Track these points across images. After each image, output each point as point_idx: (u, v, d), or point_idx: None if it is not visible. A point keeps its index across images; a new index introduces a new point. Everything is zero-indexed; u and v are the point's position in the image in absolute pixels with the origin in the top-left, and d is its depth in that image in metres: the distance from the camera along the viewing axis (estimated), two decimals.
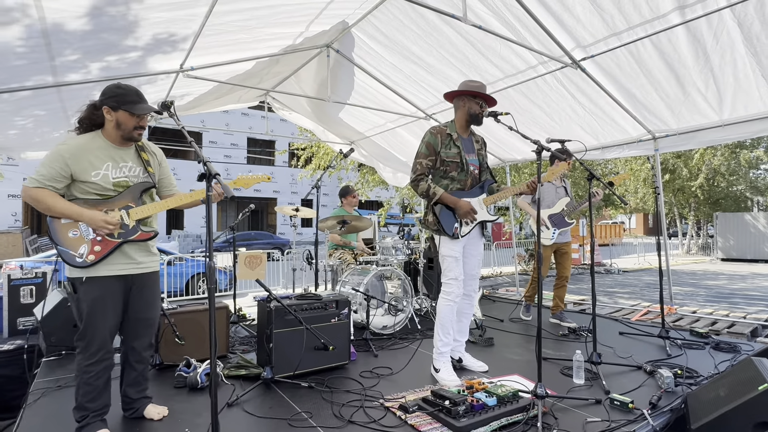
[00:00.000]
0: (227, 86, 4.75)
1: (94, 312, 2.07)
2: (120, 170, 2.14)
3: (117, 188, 2.13)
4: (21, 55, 2.88)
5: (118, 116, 2.09)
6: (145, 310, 2.27)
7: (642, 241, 17.79)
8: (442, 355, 2.94)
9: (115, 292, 2.13)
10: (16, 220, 18.68)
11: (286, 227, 25.95)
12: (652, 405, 2.40)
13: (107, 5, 2.74)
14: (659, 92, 4.05)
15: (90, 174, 2.06)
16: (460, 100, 2.98)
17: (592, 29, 3.55)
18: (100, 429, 2.10)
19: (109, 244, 2.09)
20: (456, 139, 2.96)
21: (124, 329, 2.26)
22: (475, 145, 3.07)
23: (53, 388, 2.80)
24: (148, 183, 2.23)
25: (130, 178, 2.18)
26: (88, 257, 2.04)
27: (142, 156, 2.23)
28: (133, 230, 2.15)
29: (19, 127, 3.97)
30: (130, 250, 2.18)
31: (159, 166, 2.34)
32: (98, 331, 2.07)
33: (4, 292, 4.31)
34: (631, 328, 4.23)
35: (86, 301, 2.06)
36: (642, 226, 41.19)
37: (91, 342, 2.07)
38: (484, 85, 2.95)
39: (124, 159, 2.17)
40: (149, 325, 2.31)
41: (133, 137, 2.15)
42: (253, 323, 4.61)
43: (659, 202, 4.44)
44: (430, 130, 2.96)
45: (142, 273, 2.22)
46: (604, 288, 9.95)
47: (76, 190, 2.08)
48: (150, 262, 2.27)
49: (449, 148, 2.93)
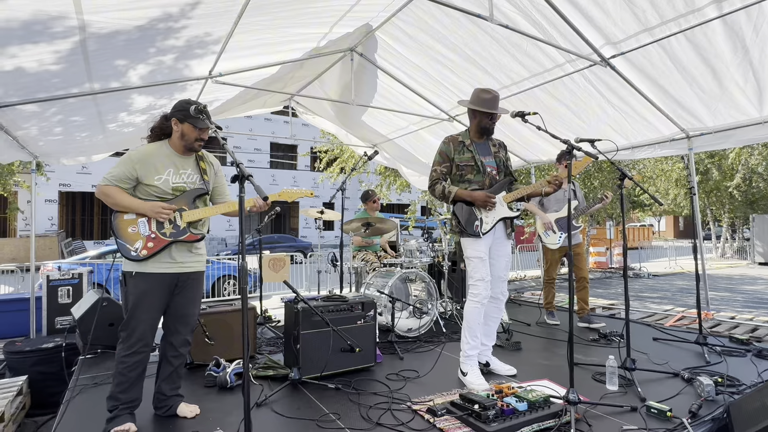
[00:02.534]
0: (253, 91, 4.84)
1: (138, 304, 2.23)
2: (180, 176, 2.35)
3: (175, 192, 2.34)
4: (60, 65, 3.00)
5: (183, 128, 2.31)
6: (185, 306, 2.38)
7: (673, 245, 17.17)
8: (470, 358, 2.90)
9: (161, 288, 2.28)
10: (53, 224, 19.48)
11: (308, 230, 26.20)
12: (692, 414, 2.30)
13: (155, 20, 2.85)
14: (694, 88, 3.90)
15: (153, 177, 2.28)
16: (471, 113, 3.03)
17: (622, 25, 3.46)
18: (127, 422, 2.19)
19: (161, 242, 2.27)
20: (469, 144, 3.01)
21: (165, 324, 2.40)
22: (492, 149, 3.09)
23: (90, 386, 2.89)
24: (202, 189, 2.41)
25: (188, 183, 2.37)
26: (141, 252, 2.22)
27: (200, 165, 2.43)
28: (183, 231, 2.31)
29: (58, 134, 4.14)
30: (176, 253, 2.32)
31: (215, 176, 2.52)
32: (140, 323, 2.22)
33: (44, 293, 4.50)
34: (665, 334, 4.07)
35: (133, 293, 2.23)
36: (672, 229, 39.79)
37: (132, 334, 2.22)
38: (496, 97, 2.97)
39: (184, 167, 2.38)
40: (187, 322, 2.41)
41: (193, 147, 2.37)
42: (279, 325, 4.66)
43: (694, 202, 4.28)
44: (444, 140, 3.07)
45: (188, 272, 2.37)
46: (634, 292, 9.63)
47: (140, 192, 2.30)
48: (194, 262, 2.41)
49: (462, 153, 3.00)
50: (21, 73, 2.92)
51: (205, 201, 2.48)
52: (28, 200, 18.77)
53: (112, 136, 4.67)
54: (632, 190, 16.80)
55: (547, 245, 4.54)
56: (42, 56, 2.85)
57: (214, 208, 2.42)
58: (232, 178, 1.81)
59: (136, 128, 4.53)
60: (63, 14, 2.50)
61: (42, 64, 2.93)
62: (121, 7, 2.63)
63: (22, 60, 2.81)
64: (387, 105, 5.57)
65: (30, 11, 2.39)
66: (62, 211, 20.34)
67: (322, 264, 5.29)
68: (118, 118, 4.29)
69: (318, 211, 4.70)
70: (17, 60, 2.78)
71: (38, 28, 2.54)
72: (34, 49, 2.73)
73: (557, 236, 4.42)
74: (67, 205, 20.68)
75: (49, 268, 6.83)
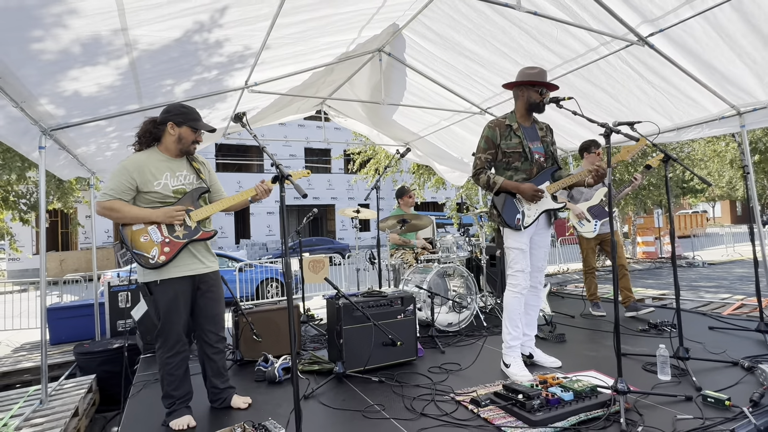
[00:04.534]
0: (287, 98, 5.01)
1: (169, 311, 2.31)
2: (177, 179, 2.38)
3: (176, 195, 2.37)
4: (115, 85, 3.24)
5: (181, 131, 2.35)
6: (212, 307, 2.47)
7: (730, 231, 16.08)
8: (512, 349, 2.88)
9: (185, 291, 2.36)
10: (108, 236, 20.81)
11: (345, 232, 26.58)
12: (753, 402, 2.18)
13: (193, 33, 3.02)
14: (743, 59, 3.64)
15: (153, 184, 2.29)
16: (519, 90, 2.92)
17: (660, 1, 3.31)
18: (185, 415, 2.34)
19: (177, 245, 2.31)
20: (516, 129, 2.89)
21: (196, 327, 2.48)
22: (539, 132, 2.97)
23: (151, 381, 3.11)
24: (203, 187, 2.46)
25: (186, 185, 2.41)
26: (159, 258, 2.26)
27: (193, 165, 2.48)
28: (195, 230, 2.38)
29: (114, 149, 4.45)
30: (194, 251, 2.40)
31: (209, 174, 2.57)
32: (174, 327, 2.32)
33: (106, 298, 4.85)
34: (722, 323, 3.86)
35: (162, 302, 2.30)
36: (729, 215, 37.20)
37: (169, 337, 2.32)
38: (544, 71, 2.86)
39: (179, 169, 2.41)
40: (217, 321, 2.51)
41: (189, 150, 2.42)
42: (321, 323, 4.79)
43: (750, 183, 4.02)
44: (489, 124, 2.93)
45: (206, 273, 2.44)
46: (688, 282, 9.12)
47: (140, 201, 2.31)
48: (212, 262, 2.49)
49: (509, 139, 2.87)
50: (80, 94, 3.17)
51: (205, 200, 2.51)
52: (87, 215, 20.17)
53: None
54: (681, 174, 15.86)
55: (583, 235, 4.44)
56: (99, 79, 3.09)
57: (219, 203, 2.44)
58: (273, 179, 1.90)
59: None
60: (113, 29, 2.66)
61: (100, 86, 3.17)
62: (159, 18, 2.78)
63: (82, 83, 3.05)
64: (417, 102, 5.59)
65: (87, 33, 2.60)
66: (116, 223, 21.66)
67: (361, 263, 5.37)
68: None
69: (354, 211, 4.79)
70: (78, 83, 3.03)
71: (95, 49, 2.76)
72: (93, 70, 2.97)
73: (592, 224, 4.35)
74: None
75: (109, 276, 7.34)
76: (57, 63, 2.72)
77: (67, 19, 2.40)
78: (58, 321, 5.38)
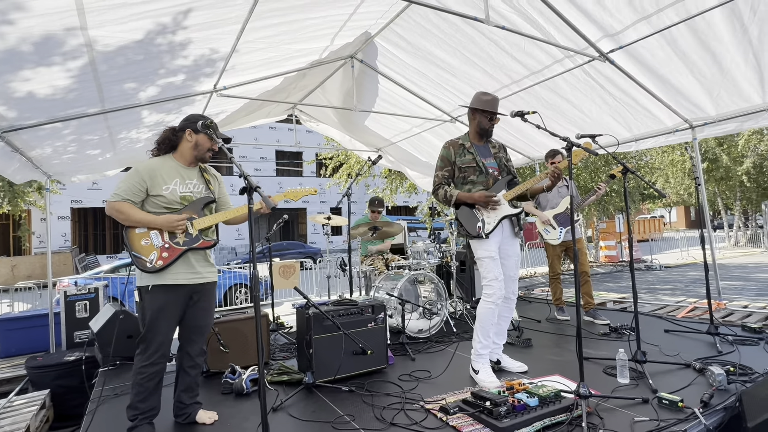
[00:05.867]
0: (257, 102, 4.94)
1: (156, 318, 2.26)
2: (186, 186, 2.41)
3: (183, 201, 2.38)
4: (73, 87, 3.10)
5: (198, 138, 2.39)
6: (201, 318, 2.44)
7: (684, 235, 16.99)
8: (481, 357, 2.93)
9: (177, 300, 2.32)
10: (66, 240, 19.81)
11: (317, 236, 26.33)
12: (703, 403, 2.31)
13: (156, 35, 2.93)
14: (695, 74, 3.88)
15: (162, 188, 2.32)
16: (472, 114, 3.08)
17: (619, 15, 3.46)
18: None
19: (176, 251, 2.31)
20: (469, 147, 3.06)
21: (181, 335, 2.45)
22: (492, 150, 3.13)
23: (111, 396, 2.97)
24: (210, 198, 2.47)
25: (194, 193, 2.44)
26: (157, 262, 2.26)
27: (204, 176, 2.51)
28: (196, 238, 2.37)
29: (71, 152, 4.26)
30: (193, 260, 2.38)
31: (218, 187, 2.59)
32: (157, 335, 2.27)
33: (62, 308, 4.60)
34: (676, 326, 4.06)
35: (151, 308, 2.26)
36: (684, 220, 39.31)
37: (150, 345, 2.26)
38: (496, 99, 3.03)
39: (190, 177, 2.44)
40: (203, 332, 2.48)
41: (204, 158, 2.46)
42: (291, 331, 4.73)
43: (701, 193, 4.27)
44: (444, 144, 3.12)
45: (202, 283, 2.41)
46: (646, 285, 9.56)
47: (148, 204, 2.33)
48: (209, 273, 2.46)
49: (463, 156, 3.04)
50: (35, 95, 3.02)
51: (211, 210, 2.53)
52: (42, 218, 19.14)
53: (121, 153, 4.79)
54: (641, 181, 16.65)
55: (548, 241, 4.60)
56: (55, 80, 2.96)
57: (221, 213, 2.48)
58: (241, 190, 1.86)
59: (145, 144, 4.64)
60: (69, 28, 2.55)
61: (56, 87, 3.03)
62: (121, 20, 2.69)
63: (36, 84, 2.91)
64: (389, 109, 5.63)
65: (39, 32, 2.48)
66: (75, 227, 20.69)
67: (332, 269, 5.34)
68: (129, 134, 4.40)
69: (325, 217, 4.76)
70: (31, 84, 2.88)
71: (49, 49, 2.63)
72: (47, 71, 2.83)
73: (557, 232, 4.51)
74: (80, 221, 21.03)
75: (66, 284, 6.98)
76: (6, 62, 2.58)
77: (13, 14, 2.28)
78: (9, 332, 5.05)
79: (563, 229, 4.49)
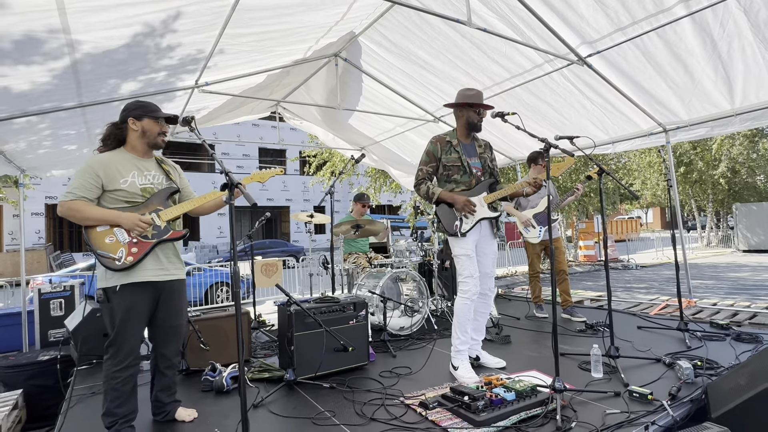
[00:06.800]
0: (240, 99, 4.89)
1: (125, 320, 2.15)
2: (145, 177, 2.29)
3: (144, 194, 2.27)
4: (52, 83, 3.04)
5: (143, 125, 2.26)
6: (174, 317, 2.36)
7: (659, 236, 17.50)
8: (460, 353, 2.98)
9: (146, 299, 2.23)
10: (40, 237, 19.24)
11: (300, 234, 26.19)
12: (671, 396, 2.41)
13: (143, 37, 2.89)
14: (668, 82, 4.04)
15: (119, 181, 2.19)
16: (459, 111, 3.10)
17: (596, 26, 3.58)
18: None
19: (145, 245, 2.20)
20: (456, 145, 3.07)
21: (154, 337, 2.36)
22: (478, 149, 3.15)
23: (87, 395, 2.92)
24: (173, 187, 2.37)
25: (155, 184, 2.32)
26: (126, 259, 2.14)
27: (163, 167, 2.40)
28: (165, 230, 2.27)
29: (47, 147, 4.15)
30: (162, 255, 2.28)
31: (179, 177, 2.48)
32: (128, 339, 2.17)
33: (35, 306, 4.49)
34: (649, 322, 4.21)
35: (120, 310, 2.14)
36: (660, 221, 40.45)
37: (121, 349, 2.16)
38: (480, 93, 3.05)
39: (147, 168, 2.32)
40: (177, 332, 2.40)
41: (157, 143, 2.33)
42: (273, 329, 4.71)
43: (673, 193, 4.42)
44: (431, 140, 3.11)
45: (171, 280, 2.32)
46: (622, 284, 9.83)
47: (107, 201, 2.19)
48: (177, 270, 2.37)
49: (449, 154, 3.05)
50: (11, 90, 2.94)
51: (175, 200, 2.43)
52: (14, 214, 18.53)
53: None
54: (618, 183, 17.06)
55: (528, 240, 4.69)
56: (34, 77, 2.89)
57: (189, 202, 2.35)
58: (222, 186, 1.85)
59: None
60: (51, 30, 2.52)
61: (34, 83, 2.96)
62: (105, 25, 2.66)
63: (12, 80, 2.83)
64: (373, 108, 5.65)
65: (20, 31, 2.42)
66: (49, 224, 20.10)
67: (314, 267, 5.34)
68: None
69: (308, 215, 4.76)
70: (7, 80, 2.81)
71: (29, 49, 2.57)
72: (26, 70, 2.76)
73: (537, 230, 4.60)
74: (54, 217, 20.43)
75: (40, 282, 6.78)
76: None
77: None
78: None
79: (543, 228, 4.59)
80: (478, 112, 3.02)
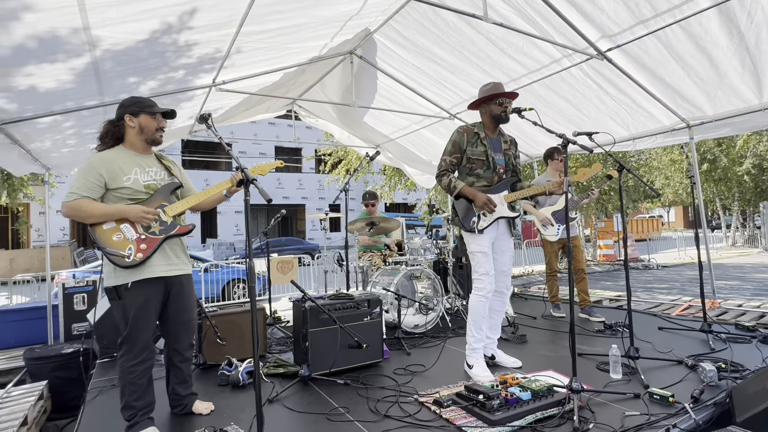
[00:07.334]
0: (256, 97, 4.94)
1: (139, 317, 2.17)
2: (147, 174, 2.29)
3: (148, 190, 2.26)
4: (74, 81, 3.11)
5: (140, 121, 2.26)
6: (184, 313, 2.39)
7: (682, 235, 17.03)
8: (475, 351, 2.96)
9: (157, 295, 2.25)
10: (64, 234, 19.82)
11: (315, 232, 26.36)
12: (694, 399, 2.34)
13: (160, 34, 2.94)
14: (692, 77, 3.92)
15: (122, 179, 2.19)
16: (481, 107, 3.05)
17: (617, 18, 3.50)
18: (148, 426, 2.21)
19: (154, 241, 2.20)
20: (483, 138, 3.00)
21: (166, 333, 2.40)
22: (503, 145, 3.09)
23: (108, 387, 3.00)
24: (176, 183, 2.38)
25: (158, 180, 2.32)
26: (136, 255, 2.14)
27: (163, 163, 2.41)
28: (172, 225, 2.27)
29: (71, 146, 4.27)
30: (169, 250, 2.29)
31: (179, 172, 2.50)
32: (142, 334, 2.19)
33: (60, 300, 4.63)
34: (670, 323, 4.10)
35: (132, 307, 2.16)
36: (682, 220, 39.36)
37: (135, 344, 2.18)
38: (498, 84, 3.00)
39: (149, 165, 2.32)
40: (189, 327, 2.44)
41: (155, 139, 2.31)
42: (288, 325, 4.75)
43: (697, 191, 4.29)
44: (458, 129, 3.03)
45: (179, 275, 2.34)
46: (643, 284, 9.61)
47: (110, 200, 2.19)
48: (185, 265, 2.40)
49: (475, 146, 2.98)
50: (37, 89, 3.03)
51: (179, 196, 2.41)
52: (41, 212, 19.13)
53: None
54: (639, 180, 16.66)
55: (546, 238, 4.62)
56: (59, 74, 2.96)
57: (194, 196, 2.34)
58: (238, 183, 1.87)
59: None
60: (72, 28, 2.58)
61: (58, 80, 3.04)
62: (124, 19, 2.70)
63: (38, 78, 2.92)
64: (388, 105, 5.64)
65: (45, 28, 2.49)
66: (73, 221, 20.67)
67: (329, 265, 5.37)
68: None
69: (324, 212, 4.79)
70: (33, 78, 2.89)
71: (52, 46, 2.64)
72: (51, 68, 2.84)
73: (555, 228, 4.52)
74: None
75: (64, 277, 7.00)
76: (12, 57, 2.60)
77: (22, 13, 2.29)
78: (7, 324, 5.07)
79: (561, 226, 4.51)
80: (499, 102, 2.93)
